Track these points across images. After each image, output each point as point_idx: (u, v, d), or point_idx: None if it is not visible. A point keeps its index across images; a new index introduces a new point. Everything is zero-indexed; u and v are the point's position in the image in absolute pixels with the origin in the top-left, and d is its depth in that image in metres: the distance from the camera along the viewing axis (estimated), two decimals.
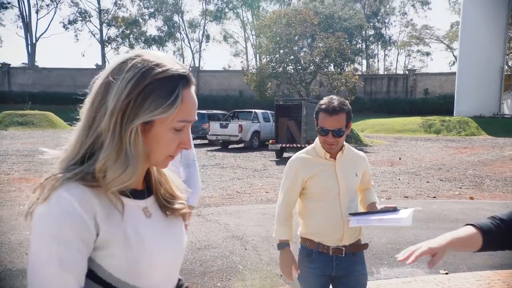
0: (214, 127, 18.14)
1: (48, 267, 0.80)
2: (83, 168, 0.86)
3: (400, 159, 14.30)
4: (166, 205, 1.02)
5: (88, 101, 0.90)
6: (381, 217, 2.01)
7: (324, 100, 2.15)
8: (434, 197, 8.16)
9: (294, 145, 14.79)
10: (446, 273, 4.30)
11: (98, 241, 0.86)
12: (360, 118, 30.18)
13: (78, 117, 0.93)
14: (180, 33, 55.83)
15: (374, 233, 5.54)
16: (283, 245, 2.20)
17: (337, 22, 34.98)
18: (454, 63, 42.89)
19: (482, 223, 1.35)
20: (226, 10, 54.34)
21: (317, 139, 2.23)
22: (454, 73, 32.71)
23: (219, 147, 18.49)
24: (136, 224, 0.92)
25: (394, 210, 2.04)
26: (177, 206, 1.04)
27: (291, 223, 2.25)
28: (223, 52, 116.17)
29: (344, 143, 2.23)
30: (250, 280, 4.12)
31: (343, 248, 2.16)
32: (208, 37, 56.98)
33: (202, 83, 38.93)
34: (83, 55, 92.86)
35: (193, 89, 0.93)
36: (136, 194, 0.95)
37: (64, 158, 0.89)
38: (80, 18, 50.01)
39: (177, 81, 0.89)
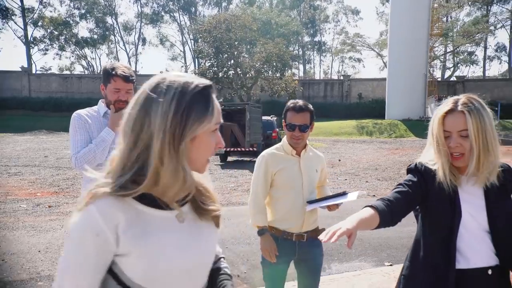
0: None
1: (67, 271, 0.94)
2: (124, 178, 0.95)
3: (339, 160, 14.95)
4: (202, 206, 1.08)
5: (126, 126, 0.98)
6: (332, 199, 2.40)
7: (291, 101, 2.51)
8: (374, 195, 8.65)
9: (239, 149, 14.88)
10: (391, 265, 4.61)
11: (120, 250, 0.95)
12: None
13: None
14: (115, 35, 53.98)
15: None
16: (263, 231, 2.46)
17: (275, 28, 35.86)
18: (383, 68, 45.66)
19: (377, 204, 1.55)
20: (163, 13, 53.44)
21: (284, 138, 2.55)
22: (384, 79, 34.83)
23: None
24: (161, 234, 0.98)
25: (344, 193, 2.40)
26: (211, 207, 1.09)
27: (266, 211, 2.51)
28: (160, 56, 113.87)
29: (307, 143, 2.55)
30: None
31: (305, 234, 2.48)
32: (144, 40, 55.68)
33: (140, 87, 37.82)
34: None
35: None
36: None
37: (110, 172, 0.98)
38: (0, 16, 46.20)
39: (207, 92, 1.00)
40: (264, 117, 16.74)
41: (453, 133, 1.56)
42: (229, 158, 15.65)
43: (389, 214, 1.53)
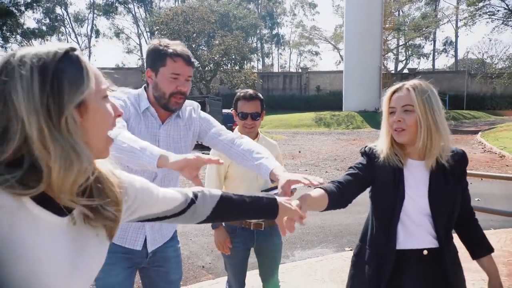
0: None
1: None
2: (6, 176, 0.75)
3: (299, 152, 15.20)
4: (96, 209, 0.88)
5: None
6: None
7: (241, 91, 2.55)
8: None
9: (199, 142, 14.77)
10: (351, 250, 4.79)
11: None
12: None
13: None
14: (65, 27, 51.63)
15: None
16: (217, 224, 2.49)
17: (233, 20, 35.70)
18: (340, 62, 46.66)
19: (327, 187, 1.57)
20: (117, 4, 51.69)
21: (236, 129, 2.55)
22: (341, 71, 35.63)
23: None
24: (45, 240, 0.80)
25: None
26: (107, 212, 0.89)
27: None
28: (115, 48, 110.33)
29: (259, 131, 2.59)
30: None
31: (262, 223, 2.51)
32: (97, 32, 53.64)
33: None
34: None
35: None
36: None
37: None
38: None
39: (73, 54, 0.83)
40: (224, 110, 16.70)
41: (397, 109, 1.62)
42: None
43: (339, 196, 1.56)
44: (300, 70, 43.37)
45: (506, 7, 23.96)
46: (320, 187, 1.55)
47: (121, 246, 1.85)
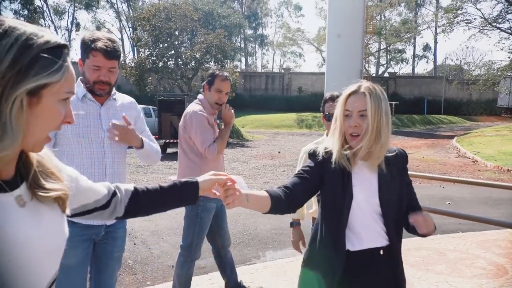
0: None
1: None
2: None
3: (279, 152, 15.24)
4: (40, 187, 0.89)
5: None
6: None
7: (329, 93, 2.62)
8: None
9: (178, 140, 14.68)
10: None
11: None
12: (241, 114, 31.19)
13: None
14: (44, 19, 50.43)
15: (259, 221, 5.90)
16: (295, 223, 2.60)
17: (216, 19, 35.59)
18: (322, 64, 47.01)
19: (272, 191, 1.56)
20: None
21: (325, 133, 2.57)
22: (323, 73, 35.87)
23: None
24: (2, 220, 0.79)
25: None
26: (52, 186, 0.90)
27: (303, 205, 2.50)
28: None
29: None
30: (141, 274, 4.07)
31: None
32: (78, 25, 52.61)
33: None
34: None
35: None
36: (6, 184, 0.83)
37: None
38: None
39: (61, 51, 0.83)
40: None
41: (353, 113, 1.61)
42: (169, 150, 15.38)
43: (285, 202, 1.56)
44: (282, 71, 43.46)
45: (482, 16, 24.51)
46: (266, 191, 1.56)
47: (81, 224, 2.01)
